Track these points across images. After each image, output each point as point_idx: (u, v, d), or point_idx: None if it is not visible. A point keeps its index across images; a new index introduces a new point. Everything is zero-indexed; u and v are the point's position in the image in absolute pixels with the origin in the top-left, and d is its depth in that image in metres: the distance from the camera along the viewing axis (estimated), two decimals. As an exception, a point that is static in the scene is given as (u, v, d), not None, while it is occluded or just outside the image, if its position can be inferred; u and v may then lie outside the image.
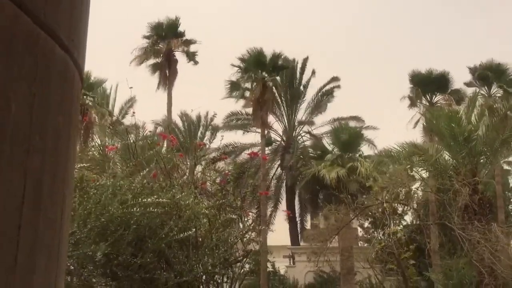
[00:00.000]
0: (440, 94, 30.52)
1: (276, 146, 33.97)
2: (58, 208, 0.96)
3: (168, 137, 13.62)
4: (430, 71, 30.43)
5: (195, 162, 11.12)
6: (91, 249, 6.58)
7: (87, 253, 6.61)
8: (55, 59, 0.95)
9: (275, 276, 25.71)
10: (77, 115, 1.08)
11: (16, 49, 0.84)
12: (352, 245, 23.31)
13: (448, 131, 17.73)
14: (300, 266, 26.29)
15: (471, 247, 15.45)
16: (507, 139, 17.39)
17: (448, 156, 18.72)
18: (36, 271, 0.88)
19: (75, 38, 1.04)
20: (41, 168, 0.88)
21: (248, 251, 9.98)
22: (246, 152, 32.07)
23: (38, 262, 0.88)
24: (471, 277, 17.21)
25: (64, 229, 1.00)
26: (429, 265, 21.87)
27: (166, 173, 9.41)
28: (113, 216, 6.94)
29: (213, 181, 11.03)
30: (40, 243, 0.89)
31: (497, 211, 22.84)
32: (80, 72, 1.08)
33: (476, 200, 16.23)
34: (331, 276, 23.88)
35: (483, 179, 17.54)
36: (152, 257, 7.39)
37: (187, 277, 7.71)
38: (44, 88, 0.90)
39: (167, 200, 7.66)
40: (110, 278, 7.52)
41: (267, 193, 27.63)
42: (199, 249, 8.31)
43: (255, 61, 27.22)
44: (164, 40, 32.24)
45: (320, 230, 22.76)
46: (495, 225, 15.96)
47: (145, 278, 7.45)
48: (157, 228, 7.50)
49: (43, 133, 0.89)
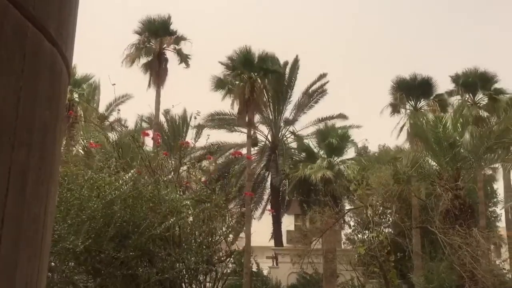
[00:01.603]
0: (424, 99, 30.75)
1: (262, 146, 33.98)
2: (42, 203, 0.95)
3: (154, 135, 13.55)
4: (414, 76, 30.62)
5: (180, 161, 11.08)
6: (71, 241, 6.52)
7: (67, 246, 6.55)
8: (43, 52, 0.94)
9: (258, 277, 25.71)
10: (64, 110, 1.08)
11: (4, 41, 0.84)
12: (336, 247, 23.42)
13: (433, 136, 17.89)
14: (283, 267, 26.33)
15: (452, 251, 15.60)
16: (491, 146, 17.60)
17: (432, 161, 18.90)
18: (18, 265, 0.87)
19: (63, 32, 1.03)
20: (26, 163, 0.88)
21: (232, 251, 9.97)
22: (231, 152, 32.07)
23: (21, 257, 0.88)
24: (451, 281, 17.38)
25: (47, 224, 0.99)
26: (411, 268, 22.05)
27: (151, 171, 9.37)
28: (93, 210, 6.91)
29: (198, 180, 11.01)
30: (23, 238, 0.88)
31: (478, 216, 23.08)
32: (68, 67, 1.07)
33: (457, 205, 16.41)
34: (313, 278, 23.94)
35: (466, 185, 17.73)
36: (135, 253, 7.36)
37: (168, 274, 7.69)
38: (31, 82, 0.90)
39: (151, 194, 7.65)
40: (91, 275, 7.47)
41: (251, 194, 27.63)
42: (181, 247, 8.29)
43: (243, 60, 27.18)
44: (156, 38, 32.04)
45: (304, 232, 22.82)
46: (476, 230, 16.13)
47: (127, 275, 7.41)
48: (139, 224, 7.47)
49: (29, 127, 0.89)
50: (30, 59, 0.90)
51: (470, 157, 17.66)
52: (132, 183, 7.56)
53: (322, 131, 31.97)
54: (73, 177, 7.47)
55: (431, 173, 18.49)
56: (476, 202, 23.42)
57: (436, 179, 17.84)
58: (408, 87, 30.24)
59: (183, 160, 11.16)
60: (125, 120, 16.67)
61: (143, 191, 7.66)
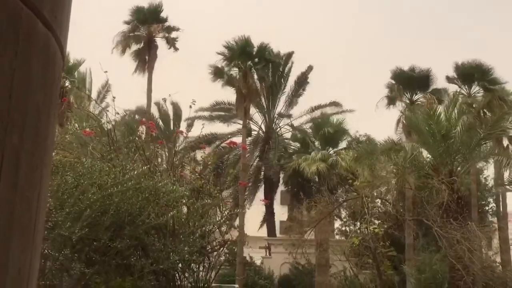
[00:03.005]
0: (421, 92, 30.70)
1: (256, 137, 33.97)
2: (35, 188, 0.94)
3: (147, 124, 13.51)
4: (413, 68, 30.56)
5: (174, 151, 11.07)
6: (67, 228, 6.51)
7: (63, 234, 6.55)
8: (37, 35, 0.93)
9: (251, 267, 25.80)
10: (57, 93, 1.06)
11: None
12: (329, 238, 23.49)
13: (427, 128, 17.91)
14: (276, 258, 26.43)
15: (448, 244, 15.69)
16: (485, 137, 17.64)
17: (427, 154, 18.93)
18: (11, 250, 0.86)
19: (58, 16, 1.02)
20: (19, 146, 0.86)
21: (226, 241, 10.00)
22: (226, 142, 32.06)
23: (13, 241, 0.87)
24: (444, 273, 17.49)
25: (41, 209, 0.98)
26: (403, 259, 22.17)
27: (145, 159, 9.35)
28: (92, 201, 6.88)
29: (193, 169, 11.01)
30: (16, 222, 0.87)
31: (471, 209, 23.23)
32: (62, 51, 1.06)
33: (454, 199, 16.47)
34: (306, 268, 24.04)
35: (460, 177, 17.79)
36: (129, 243, 7.36)
37: (164, 264, 7.69)
38: (25, 64, 0.88)
39: (148, 186, 7.63)
40: (85, 263, 7.47)
41: (246, 184, 27.64)
42: (176, 237, 8.29)
43: (241, 51, 27.08)
44: (145, 25, 31.86)
45: (298, 222, 22.87)
46: (473, 224, 16.24)
47: (121, 264, 7.42)
48: (136, 215, 7.46)
49: (22, 110, 0.87)
50: (23, 42, 0.88)
51: (462, 150, 17.71)
52: (136, 177, 7.53)
53: (317, 121, 31.94)
54: (70, 165, 7.44)
55: (425, 165, 18.53)
56: (469, 195, 23.55)
57: (430, 172, 17.89)
58: (406, 80, 30.18)
59: (177, 149, 11.15)
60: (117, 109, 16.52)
61: (142, 184, 7.62)
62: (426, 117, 18.25)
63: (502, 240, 27.28)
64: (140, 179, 7.70)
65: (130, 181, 7.31)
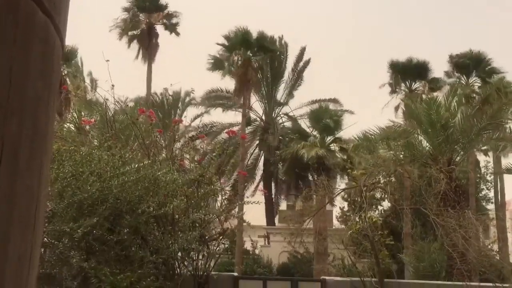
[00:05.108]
0: (419, 81, 30.70)
1: (256, 126, 33.97)
2: (35, 175, 0.94)
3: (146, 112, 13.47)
4: (410, 59, 30.58)
5: (174, 139, 11.05)
6: (69, 226, 6.50)
7: (65, 230, 6.54)
8: (36, 22, 0.92)
9: (250, 255, 25.92)
10: (57, 82, 1.06)
11: (-4, 9, 0.82)
12: (327, 227, 23.57)
13: (426, 117, 17.91)
14: (275, 246, 26.53)
15: (444, 233, 15.73)
16: (485, 127, 17.64)
17: (426, 143, 18.95)
18: (11, 239, 0.86)
19: (57, 3, 1.01)
20: (18, 133, 0.86)
21: (225, 230, 10.02)
22: (225, 131, 32.03)
23: (13, 231, 0.87)
24: (442, 262, 17.57)
25: (41, 197, 0.98)
26: (402, 248, 22.26)
27: (145, 148, 9.34)
28: (91, 191, 6.87)
29: (192, 158, 11.00)
30: (16, 211, 0.87)
31: (470, 198, 23.28)
32: (61, 38, 1.05)
33: (452, 187, 16.50)
34: (304, 257, 24.15)
35: (459, 166, 17.82)
36: (129, 233, 7.36)
37: (164, 255, 7.69)
38: (24, 52, 0.88)
39: (147, 175, 7.61)
40: (85, 253, 7.47)
41: (245, 173, 27.67)
42: (176, 226, 8.30)
43: (241, 40, 27.01)
44: (145, 13, 31.68)
45: (296, 211, 22.94)
46: (469, 212, 16.28)
47: (121, 254, 7.42)
48: (135, 204, 7.44)
49: (22, 97, 0.87)
50: (22, 29, 0.88)
51: (461, 139, 17.72)
52: (137, 168, 7.51)
53: (316, 112, 31.96)
54: (68, 154, 7.40)
55: (424, 153, 18.55)
56: (467, 184, 23.61)
57: (429, 161, 17.91)
58: (404, 69, 30.18)
59: (177, 137, 11.13)
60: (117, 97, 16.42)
61: (142, 173, 7.59)
62: (425, 106, 18.25)
63: (500, 229, 27.39)
64: (140, 168, 7.69)
65: (130, 173, 7.29)
